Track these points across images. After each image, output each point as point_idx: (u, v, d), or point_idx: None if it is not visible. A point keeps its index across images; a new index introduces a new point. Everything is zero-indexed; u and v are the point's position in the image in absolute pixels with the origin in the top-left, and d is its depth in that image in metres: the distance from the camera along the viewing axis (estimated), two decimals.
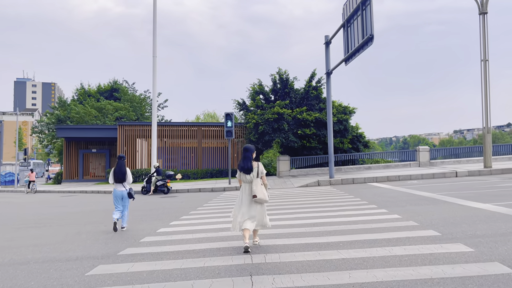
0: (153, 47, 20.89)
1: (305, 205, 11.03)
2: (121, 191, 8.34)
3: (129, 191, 8.37)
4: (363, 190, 15.27)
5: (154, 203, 13.91)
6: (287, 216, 9.02)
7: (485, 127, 19.99)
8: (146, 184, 18.72)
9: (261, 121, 22.57)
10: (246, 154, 5.97)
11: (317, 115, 22.93)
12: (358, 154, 24.96)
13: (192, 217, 9.78)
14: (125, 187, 8.36)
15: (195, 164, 27.76)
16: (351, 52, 16.23)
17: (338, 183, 19.27)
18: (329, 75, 19.90)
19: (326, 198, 12.74)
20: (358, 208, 9.73)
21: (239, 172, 6.01)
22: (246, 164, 5.88)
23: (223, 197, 15.15)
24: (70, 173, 31.28)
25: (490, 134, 19.63)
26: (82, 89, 45.96)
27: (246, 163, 5.88)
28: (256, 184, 5.84)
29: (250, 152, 6.01)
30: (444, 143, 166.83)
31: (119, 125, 27.58)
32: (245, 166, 5.87)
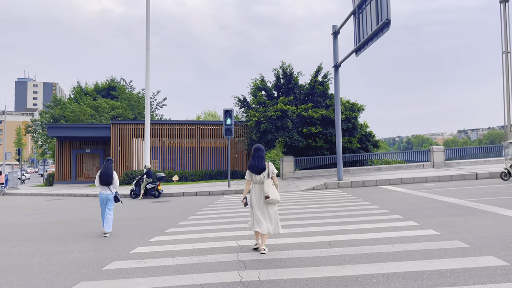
0: (146, 39, 19.32)
1: (315, 214, 9.39)
2: (106, 194, 8.18)
3: (115, 194, 8.21)
4: (377, 194, 13.63)
5: (141, 210, 12.31)
6: (294, 230, 7.38)
7: (507, 125, 18.26)
8: (135, 187, 17.12)
9: (263, 119, 20.93)
10: (259, 153, 5.81)
11: (324, 112, 21.27)
12: (367, 155, 23.27)
13: (180, 230, 8.16)
14: (111, 190, 8.21)
15: (193, 165, 26.15)
16: (364, 41, 14.58)
17: (347, 186, 17.64)
18: (338, 68, 18.28)
19: (338, 205, 11.10)
20: (379, 220, 8.08)
21: (249, 172, 5.84)
22: (260, 163, 5.73)
23: (221, 202, 13.54)
24: (62, 174, 29.73)
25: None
26: (78, 87, 44.51)
27: (260, 163, 5.73)
28: (268, 184, 5.69)
29: (262, 152, 5.86)
30: (448, 143, 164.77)
31: (112, 124, 25.99)
32: (259, 166, 5.72)
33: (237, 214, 10.00)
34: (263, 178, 5.76)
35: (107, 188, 8.19)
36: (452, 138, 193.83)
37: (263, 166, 5.77)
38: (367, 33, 14.38)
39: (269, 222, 5.74)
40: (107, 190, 8.19)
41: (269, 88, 23.17)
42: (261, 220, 5.70)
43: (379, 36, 13.62)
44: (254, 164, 5.79)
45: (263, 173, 5.76)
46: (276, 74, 22.88)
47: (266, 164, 5.83)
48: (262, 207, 5.75)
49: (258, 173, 5.76)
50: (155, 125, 26.13)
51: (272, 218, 5.77)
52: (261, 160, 5.80)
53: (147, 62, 18.71)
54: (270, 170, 5.81)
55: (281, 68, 22.59)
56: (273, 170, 5.84)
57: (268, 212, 5.75)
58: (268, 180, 5.77)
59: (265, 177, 5.76)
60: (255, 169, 5.76)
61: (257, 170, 5.75)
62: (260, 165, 5.75)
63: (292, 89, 22.90)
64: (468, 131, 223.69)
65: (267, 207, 5.75)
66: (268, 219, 5.73)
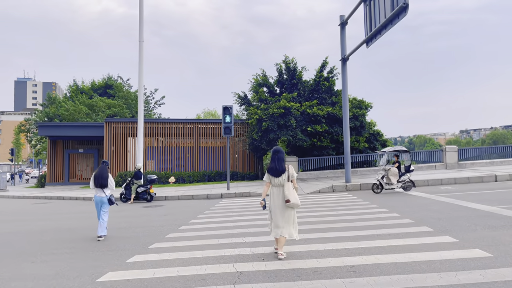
0: (139, 31, 18.00)
1: (326, 224, 8.03)
2: (100, 197, 8.05)
3: (110, 197, 8.07)
4: (391, 198, 12.30)
5: (128, 217, 10.96)
6: (305, 247, 6.04)
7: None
8: (125, 191, 15.78)
9: (265, 117, 19.58)
10: (278, 155, 5.75)
11: (330, 110, 19.90)
12: (375, 155, 21.90)
13: (166, 245, 6.81)
14: (105, 193, 8.09)
15: (191, 165, 24.79)
16: (376, 29, 13.22)
17: (356, 189, 16.31)
18: (345, 61, 16.92)
19: (351, 212, 9.74)
20: (406, 233, 6.72)
21: (268, 175, 5.75)
22: (280, 166, 5.67)
23: (219, 208, 12.19)
24: (54, 175, 28.40)
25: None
26: (74, 85, 43.26)
27: (280, 165, 5.67)
28: (288, 188, 5.60)
29: (282, 154, 5.79)
30: (451, 143, 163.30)
31: (106, 122, 24.65)
32: (279, 169, 5.64)
33: (236, 224, 8.66)
34: (283, 181, 5.65)
35: (102, 191, 8.06)
36: (454, 138, 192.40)
37: (283, 168, 5.66)
38: (380, 21, 13.03)
39: (287, 226, 5.64)
40: (102, 193, 8.05)
41: (271, 84, 21.81)
42: (280, 224, 5.61)
43: (394, 23, 12.26)
44: (274, 166, 5.69)
45: (283, 176, 5.64)
46: (278, 69, 21.52)
47: (286, 167, 5.68)
48: (281, 210, 5.64)
49: (278, 176, 5.65)
50: (150, 124, 24.80)
51: (291, 223, 5.68)
52: (281, 162, 5.70)
53: (140, 55, 17.39)
54: (290, 173, 5.68)
55: (284, 62, 21.22)
56: (293, 173, 5.72)
57: (288, 216, 5.65)
58: (288, 183, 5.65)
59: (285, 180, 5.65)
60: (275, 171, 5.66)
61: (277, 172, 5.64)
62: (280, 168, 5.65)
63: (295, 85, 21.54)
64: (470, 131, 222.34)
65: (286, 211, 5.64)
66: (286, 223, 5.63)
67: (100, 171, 8.11)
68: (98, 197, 8.06)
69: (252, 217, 9.77)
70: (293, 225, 5.71)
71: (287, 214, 5.65)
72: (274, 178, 5.69)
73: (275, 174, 5.66)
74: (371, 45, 14.39)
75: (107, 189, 8.11)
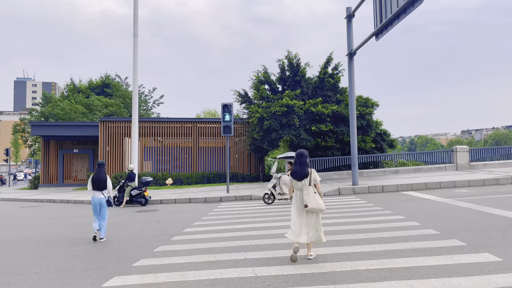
0: (134, 25, 17.01)
1: (337, 235, 7.03)
2: (99, 198, 8.00)
3: (108, 198, 8.07)
4: (404, 203, 11.31)
5: (116, 224, 9.96)
6: (317, 268, 5.03)
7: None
8: (118, 194, 14.79)
9: (266, 115, 18.57)
10: (301, 159, 5.68)
11: (335, 108, 18.88)
12: (382, 156, 20.90)
13: (153, 263, 5.82)
14: (104, 194, 8.02)
15: (190, 166, 23.79)
16: (388, 20, 12.21)
17: (364, 192, 15.32)
18: (352, 56, 15.93)
19: (363, 219, 8.74)
20: (435, 248, 5.71)
21: (291, 178, 5.71)
22: (303, 170, 5.59)
23: (218, 213, 11.19)
24: (48, 176, 27.44)
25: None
26: (71, 84, 42.33)
27: (303, 169, 5.60)
28: (308, 192, 5.49)
29: (305, 157, 5.72)
30: (453, 143, 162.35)
31: (100, 121, 23.66)
32: (303, 172, 5.57)
33: (236, 234, 7.66)
34: (303, 185, 5.57)
35: (100, 192, 8.00)
36: (456, 138, 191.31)
37: (306, 172, 5.58)
38: (392, 10, 12.02)
39: (309, 230, 5.52)
40: (100, 194, 7.99)
41: (273, 82, 20.80)
42: (300, 228, 5.52)
43: (408, 12, 11.26)
44: (296, 170, 5.62)
45: (305, 180, 5.58)
46: (280, 65, 20.49)
47: (309, 171, 5.60)
48: (301, 214, 5.56)
49: (300, 180, 5.60)
50: (147, 123, 23.81)
51: (313, 226, 5.54)
52: (304, 166, 5.62)
53: (135, 50, 16.40)
54: (313, 177, 5.62)
55: (286, 58, 20.18)
56: (316, 178, 5.65)
57: (308, 220, 5.54)
58: (308, 187, 5.55)
59: (306, 185, 5.58)
60: (297, 175, 5.61)
61: (299, 176, 5.59)
62: (302, 171, 5.58)
63: (299, 82, 20.52)
64: (472, 132, 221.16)
65: (307, 215, 5.54)
66: (306, 227, 5.52)
67: (97, 174, 8.05)
68: (97, 198, 7.99)
69: (253, 225, 8.78)
70: (315, 228, 5.56)
71: (307, 218, 5.52)
72: (296, 181, 5.63)
73: (297, 177, 5.59)
74: (381, 37, 13.39)
75: (105, 191, 8.07)
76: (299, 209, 5.59)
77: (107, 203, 8.04)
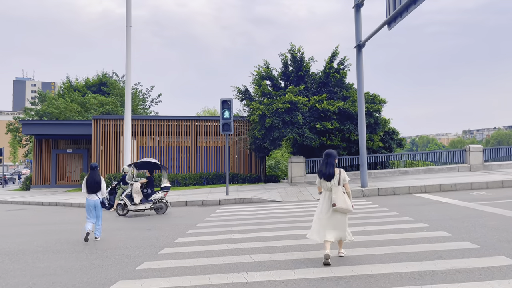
0: (127, 15, 15.93)
1: (354, 248, 5.92)
2: (94, 200, 8.11)
3: (102, 200, 8.25)
4: (421, 208, 10.24)
5: (103, 232, 8.84)
6: None
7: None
8: (109, 196, 13.69)
9: (268, 112, 17.45)
10: (329, 159, 5.63)
11: (341, 105, 17.75)
12: (390, 155, 19.78)
13: (134, 285, 4.71)
14: (98, 196, 8.15)
15: (188, 167, 22.67)
16: (403, 6, 11.10)
17: (373, 194, 14.24)
18: (361, 48, 14.84)
19: (380, 227, 7.65)
20: (483, 269, 4.60)
21: (319, 179, 5.69)
22: (329, 170, 5.55)
23: (216, 219, 10.08)
24: (41, 177, 26.31)
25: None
26: (68, 82, 41.28)
27: (329, 169, 5.55)
28: (337, 191, 5.49)
29: (333, 158, 5.67)
30: (454, 143, 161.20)
31: (94, 119, 22.55)
32: (328, 173, 5.54)
33: (235, 247, 6.55)
34: (332, 185, 5.54)
35: (94, 194, 8.10)
36: (457, 138, 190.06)
37: (333, 172, 5.54)
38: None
39: (334, 230, 5.49)
40: (94, 196, 8.11)
41: (275, 77, 19.67)
42: (324, 227, 5.50)
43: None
44: (323, 170, 5.61)
45: (333, 180, 5.54)
46: (283, 60, 19.35)
47: (338, 171, 5.59)
48: (329, 214, 5.53)
49: (328, 180, 5.56)
50: (143, 121, 22.71)
51: (340, 226, 5.52)
52: (331, 166, 5.59)
53: (128, 41, 15.29)
54: (342, 177, 5.59)
55: (289, 52, 19.04)
56: (345, 178, 5.61)
57: (335, 220, 5.50)
58: (337, 187, 5.53)
59: (335, 184, 5.54)
60: (325, 175, 5.58)
61: (327, 176, 5.56)
62: (329, 172, 5.55)
63: (302, 78, 19.38)
64: (473, 132, 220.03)
65: (333, 215, 5.52)
66: (333, 228, 5.49)
67: (91, 176, 8.12)
68: (92, 200, 8.08)
69: (256, 234, 7.67)
70: (344, 229, 5.55)
71: (335, 219, 5.50)
72: (324, 182, 5.58)
73: (325, 177, 5.54)
74: (394, 26, 12.28)
75: (99, 193, 8.15)
76: (325, 209, 5.54)
77: (101, 204, 8.19)
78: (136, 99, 38.90)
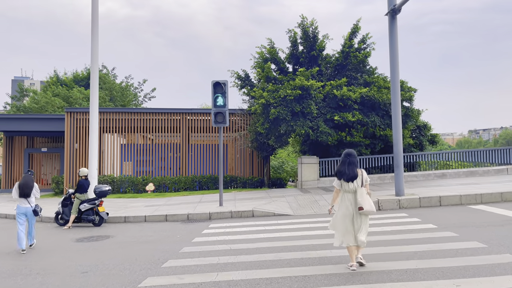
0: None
1: None
2: (25, 207, 7.65)
3: (35, 208, 7.72)
4: (494, 229, 7.02)
5: (10, 278, 5.40)
6: None
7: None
8: (63, 208, 10.27)
9: (273, 101, 13.98)
10: (350, 159, 5.34)
11: (364, 91, 14.24)
12: (423, 155, 16.27)
13: None
14: (30, 203, 7.70)
15: (178, 168, 19.19)
16: None
17: (413, 206, 10.82)
18: (395, 14, 11.43)
19: (440, 262, 4.66)
20: None
21: (338, 181, 5.38)
22: (352, 171, 5.26)
23: (199, 248, 6.62)
24: (12, 179, 22.89)
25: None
26: (55, 76, 37.91)
27: (352, 170, 5.26)
28: (362, 194, 5.22)
29: (354, 157, 5.41)
30: (461, 143, 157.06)
31: (67, 113, 19.12)
32: (350, 174, 5.25)
33: None
34: (356, 187, 5.24)
35: (26, 201, 7.66)
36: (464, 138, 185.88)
37: (355, 173, 5.25)
38: None
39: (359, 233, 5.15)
40: (26, 203, 7.66)
41: (281, 60, 16.16)
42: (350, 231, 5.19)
43: None
44: (344, 171, 5.27)
45: (356, 181, 5.24)
46: (291, 37, 15.79)
47: (360, 172, 5.29)
48: (353, 218, 5.22)
49: (350, 181, 5.24)
50: (122, 114, 19.29)
51: (363, 230, 5.18)
52: (353, 166, 5.29)
53: (94, 4, 11.77)
54: (364, 178, 5.31)
55: (299, 27, 15.45)
56: (367, 178, 5.35)
57: (358, 224, 5.19)
58: (362, 189, 5.24)
59: (359, 186, 5.26)
60: (347, 177, 5.23)
61: (349, 178, 5.23)
62: (352, 173, 5.23)
63: (315, 59, 15.82)
64: (479, 131, 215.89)
65: (360, 218, 5.21)
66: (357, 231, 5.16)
67: (25, 179, 7.81)
68: (23, 207, 7.65)
69: (259, 274, 4.21)
70: (367, 232, 5.23)
71: (357, 222, 5.19)
72: (346, 183, 5.26)
73: (347, 179, 5.23)
74: None
75: (31, 199, 7.71)
76: (350, 212, 5.21)
77: (33, 212, 7.68)
78: (127, 93, 35.55)
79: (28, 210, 7.62)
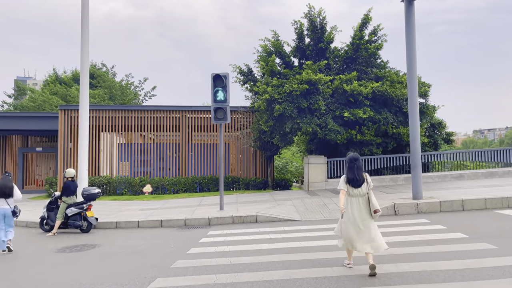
0: None
1: None
2: (4, 209, 7.54)
3: (14, 209, 7.62)
4: None
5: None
6: None
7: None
8: (48, 213, 9.34)
9: (278, 97, 12.99)
10: (357, 164, 5.29)
11: (376, 86, 13.22)
12: (439, 154, 15.22)
13: None
14: (9, 204, 7.59)
15: (178, 169, 18.23)
16: None
17: (433, 211, 9.84)
18: (412, 0, 10.39)
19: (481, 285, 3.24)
20: None
21: (346, 185, 5.25)
22: (360, 176, 5.20)
23: (195, 262, 5.66)
24: None
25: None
26: (54, 74, 37.14)
27: (360, 175, 5.21)
28: (372, 198, 5.17)
29: (360, 161, 5.37)
30: (466, 143, 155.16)
31: (61, 110, 18.21)
32: (360, 180, 5.18)
33: None
34: (364, 191, 5.18)
35: (5, 201, 7.55)
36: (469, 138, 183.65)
37: (363, 178, 5.21)
38: None
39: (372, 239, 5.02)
40: (5, 204, 7.55)
41: (286, 54, 15.17)
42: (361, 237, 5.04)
43: None
44: (353, 177, 5.18)
45: (364, 186, 5.17)
46: (297, 29, 14.79)
47: (365, 176, 5.24)
48: (363, 222, 5.08)
49: (358, 186, 5.17)
50: (119, 112, 18.36)
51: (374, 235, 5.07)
52: (360, 171, 5.24)
53: None
54: (369, 182, 5.25)
55: (306, 17, 14.44)
56: (371, 182, 5.30)
57: (369, 228, 5.07)
58: (371, 193, 5.22)
59: (367, 190, 5.20)
60: (355, 182, 5.16)
61: (358, 183, 5.17)
62: (361, 178, 5.19)
63: (323, 52, 14.81)
64: (484, 131, 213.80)
65: (370, 222, 5.10)
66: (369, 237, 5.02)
67: (3, 181, 7.68)
68: (1, 209, 7.51)
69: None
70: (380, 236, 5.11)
71: (369, 226, 5.07)
72: (352, 188, 5.18)
73: (355, 184, 5.16)
74: None
75: (10, 200, 7.58)
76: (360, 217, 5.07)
77: (12, 213, 7.52)
78: (127, 92, 34.70)
79: (7, 211, 7.53)
